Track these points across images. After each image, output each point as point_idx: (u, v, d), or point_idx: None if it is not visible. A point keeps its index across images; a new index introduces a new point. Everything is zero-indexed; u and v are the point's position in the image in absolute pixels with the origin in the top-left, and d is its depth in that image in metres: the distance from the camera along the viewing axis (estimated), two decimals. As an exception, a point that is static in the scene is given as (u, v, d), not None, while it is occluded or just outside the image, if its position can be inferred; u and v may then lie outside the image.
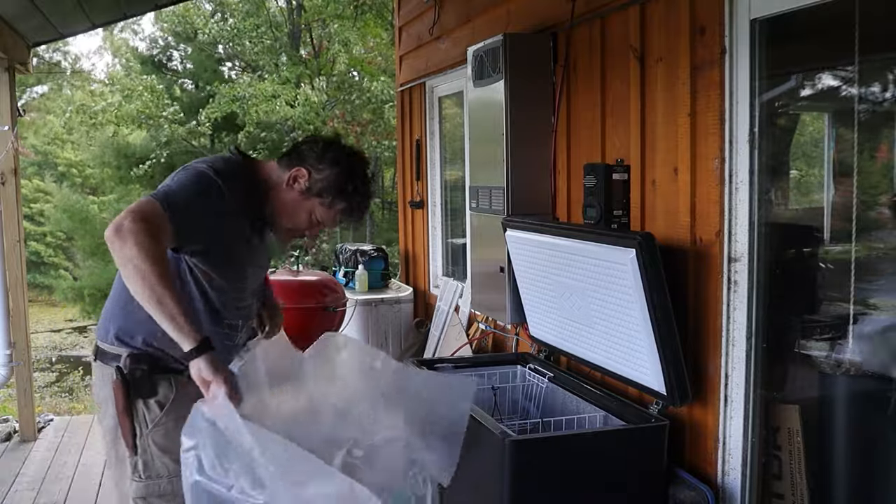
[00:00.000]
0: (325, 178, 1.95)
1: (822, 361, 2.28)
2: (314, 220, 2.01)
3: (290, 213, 1.99)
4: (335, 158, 1.96)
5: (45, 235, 15.62)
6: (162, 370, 1.93)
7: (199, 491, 1.68)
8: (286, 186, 1.96)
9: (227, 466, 1.66)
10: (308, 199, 1.96)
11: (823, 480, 2.27)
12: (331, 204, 1.97)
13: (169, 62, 15.43)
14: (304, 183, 1.95)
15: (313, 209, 1.98)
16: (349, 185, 1.97)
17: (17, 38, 4.53)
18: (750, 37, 2.06)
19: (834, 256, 2.52)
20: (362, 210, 2.04)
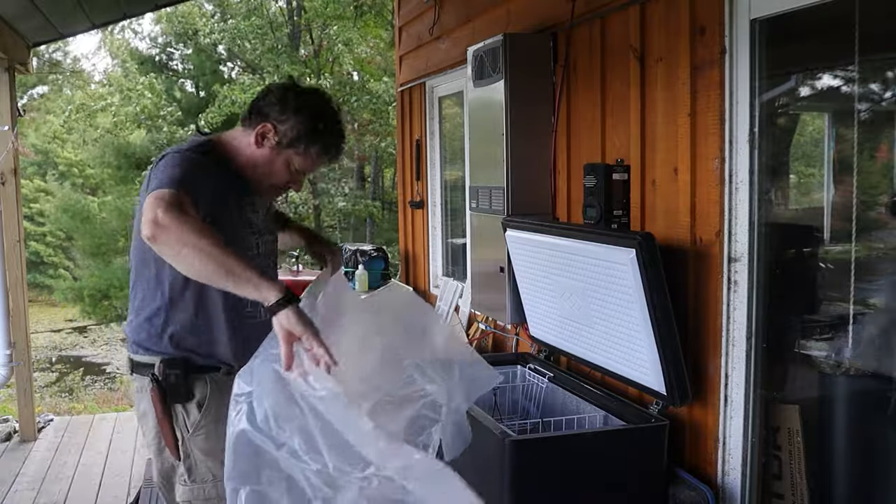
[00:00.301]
0: (292, 126, 1.91)
1: (822, 361, 2.29)
2: (294, 171, 1.98)
3: (268, 171, 1.96)
4: (297, 105, 1.92)
5: (45, 235, 15.63)
6: (197, 370, 1.93)
7: (243, 441, 1.53)
8: (256, 147, 1.93)
9: (283, 425, 1.52)
10: (281, 152, 1.93)
11: (823, 480, 2.27)
12: (305, 150, 1.94)
13: (170, 61, 15.44)
14: (272, 138, 1.92)
15: (290, 160, 1.95)
16: (318, 125, 1.92)
17: (17, 38, 4.53)
18: (750, 37, 2.05)
19: (834, 256, 2.52)
20: (339, 146, 2.00)
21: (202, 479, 1.93)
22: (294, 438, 1.51)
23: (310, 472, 1.50)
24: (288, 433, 1.51)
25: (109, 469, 4.20)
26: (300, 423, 1.52)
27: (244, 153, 1.95)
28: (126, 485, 3.97)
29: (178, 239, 1.58)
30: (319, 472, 1.50)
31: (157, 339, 1.93)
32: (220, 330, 1.94)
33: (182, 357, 1.92)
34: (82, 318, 14.58)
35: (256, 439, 1.52)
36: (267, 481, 1.52)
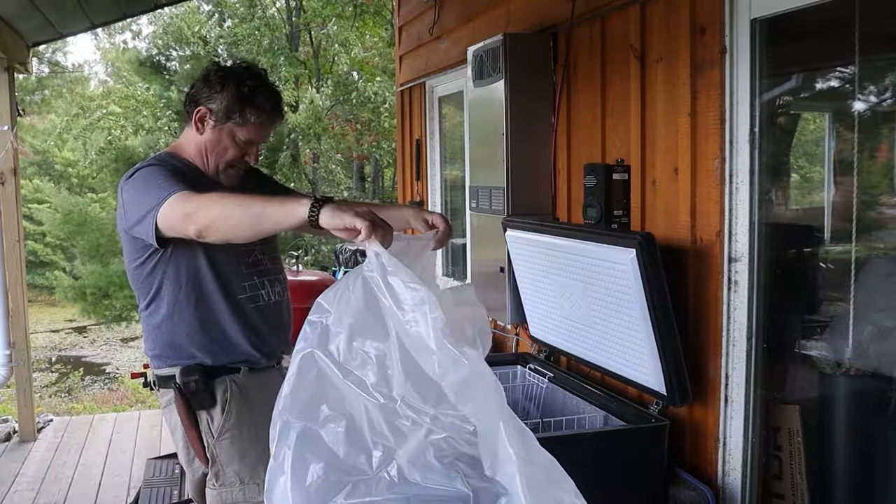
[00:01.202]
0: (220, 100, 1.93)
1: (823, 361, 2.29)
2: (242, 143, 1.98)
3: (216, 152, 1.97)
4: (219, 79, 1.94)
5: (45, 235, 15.62)
6: (216, 374, 1.95)
7: (308, 364, 1.39)
8: (199, 133, 1.97)
9: (357, 351, 1.40)
10: (222, 129, 1.95)
11: (824, 481, 2.27)
12: (243, 120, 1.94)
13: (168, 62, 15.43)
14: (210, 119, 1.95)
15: (232, 134, 1.96)
16: (245, 89, 1.93)
17: (16, 38, 4.53)
18: (750, 36, 2.05)
19: (834, 256, 2.52)
20: (274, 103, 1.99)
21: (230, 483, 1.95)
22: (366, 368, 1.39)
23: (374, 409, 1.37)
24: (360, 360, 1.39)
25: (109, 469, 4.20)
26: (377, 349, 1.40)
27: (191, 144, 1.99)
28: (126, 485, 3.97)
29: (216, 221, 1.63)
30: (384, 407, 1.36)
31: (171, 349, 1.96)
32: (227, 322, 1.96)
33: (198, 363, 1.94)
34: (82, 318, 14.57)
35: (323, 364, 1.39)
36: (324, 420, 1.37)
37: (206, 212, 1.65)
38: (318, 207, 1.49)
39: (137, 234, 1.83)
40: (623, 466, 2.21)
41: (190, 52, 14.65)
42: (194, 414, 1.95)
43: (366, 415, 1.38)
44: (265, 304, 2.03)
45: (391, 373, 1.38)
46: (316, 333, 1.42)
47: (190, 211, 1.67)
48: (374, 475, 1.35)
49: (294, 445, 1.34)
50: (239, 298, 1.98)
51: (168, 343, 1.96)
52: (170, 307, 1.95)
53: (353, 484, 1.33)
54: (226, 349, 1.97)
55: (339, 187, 14.43)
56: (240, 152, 2.00)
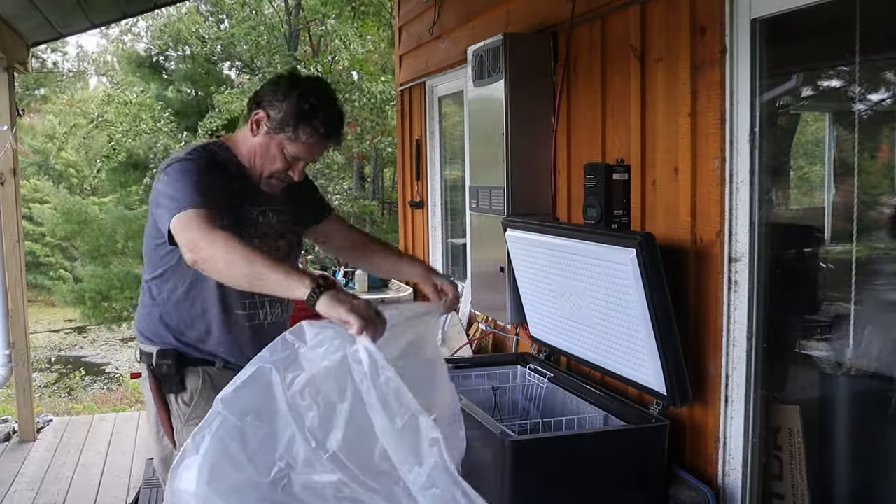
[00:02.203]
0: (282, 109, 1.90)
1: (823, 361, 2.28)
2: (288, 158, 1.96)
3: (264, 159, 1.96)
4: (287, 89, 1.91)
5: (45, 236, 15.62)
6: (191, 363, 1.97)
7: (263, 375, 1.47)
8: (252, 134, 1.95)
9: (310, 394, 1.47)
10: (274, 137, 1.93)
11: (824, 481, 2.27)
12: (296, 135, 1.91)
13: (166, 62, 15.41)
14: (265, 124, 1.92)
15: (282, 146, 1.94)
16: (305, 105, 1.90)
17: (16, 38, 4.53)
18: (750, 36, 2.05)
19: (834, 256, 2.52)
20: (331, 127, 1.96)
21: None
22: (311, 411, 1.46)
23: (300, 443, 1.45)
24: (308, 402, 1.47)
25: (109, 469, 4.20)
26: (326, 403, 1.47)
27: (244, 144, 1.98)
28: (125, 485, 3.97)
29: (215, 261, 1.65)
30: (310, 449, 1.45)
31: (157, 330, 1.99)
32: (217, 330, 1.98)
33: (174, 349, 1.96)
34: (83, 320, 14.58)
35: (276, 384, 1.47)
36: (250, 423, 1.46)
37: (209, 249, 1.65)
38: (318, 294, 1.53)
39: (157, 220, 1.84)
40: (623, 466, 2.21)
41: (189, 52, 14.65)
42: (164, 396, 1.97)
43: (287, 441, 1.46)
44: (260, 323, 2.03)
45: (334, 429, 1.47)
46: (284, 353, 1.50)
47: (195, 239, 1.68)
48: (267, 482, 1.45)
49: (215, 432, 1.43)
50: (236, 313, 1.99)
51: (156, 324, 1.99)
52: (169, 294, 1.97)
53: (248, 484, 1.44)
54: (208, 352, 1.99)
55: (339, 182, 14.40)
56: (286, 166, 1.97)
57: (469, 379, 2.87)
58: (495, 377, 2.89)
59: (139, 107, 13.47)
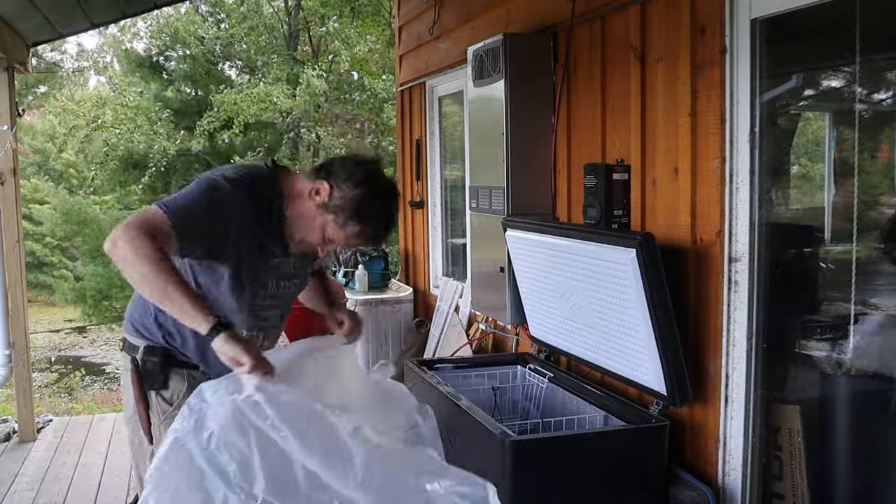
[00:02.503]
0: (344, 196, 1.86)
1: (823, 361, 2.28)
2: (326, 237, 1.93)
3: (303, 225, 1.93)
4: (361, 180, 1.87)
5: (45, 236, 15.61)
6: (176, 364, 1.97)
7: (177, 447, 1.58)
8: (307, 198, 1.90)
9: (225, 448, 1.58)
10: (323, 214, 1.89)
11: (824, 481, 2.27)
12: (343, 224, 1.88)
13: (166, 62, 15.41)
14: (323, 196, 1.87)
15: (326, 225, 1.90)
16: (366, 208, 1.87)
17: (16, 38, 4.53)
18: (750, 36, 2.05)
19: (834, 256, 2.52)
20: (377, 238, 1.97)
21: None
22: (230, 465, 1.57)
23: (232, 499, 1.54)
24: (226, 457, 1.57)
25: (109, 469, 4.19)
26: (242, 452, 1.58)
27: (297, 201, 1.93)
28: (125, 485, 3.96)
29: (126, 259, 1.67)
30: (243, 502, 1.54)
31: (150, 326, 1.98)
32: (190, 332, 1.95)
33: (163, 347, 1.96)
34: (84, 320, 14.58)
35: (194, 451, 1.57)
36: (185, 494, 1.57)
37: (128, 249, 1.66)
38: (217, 331, 1.64)
39: None
40: (623, 466, 2.21)
41: (189, 52, 14.65)
42: (145, 392, 1.97)
43: (222, 499, 1.55)
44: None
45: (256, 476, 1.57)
46: (192, 420, 1.60)
47: (133, 227, 1.68)
48: None
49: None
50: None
51: (150, 321, 1.97)
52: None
53: None
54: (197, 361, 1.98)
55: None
56: (319, 242, 1.95)
57: (469, 379, 2.87)
58: (495, 377, 2.89)
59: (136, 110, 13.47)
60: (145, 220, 1.71)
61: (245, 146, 13.34)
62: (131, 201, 14.28)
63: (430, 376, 2.74)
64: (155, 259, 1.66)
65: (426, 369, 2.85)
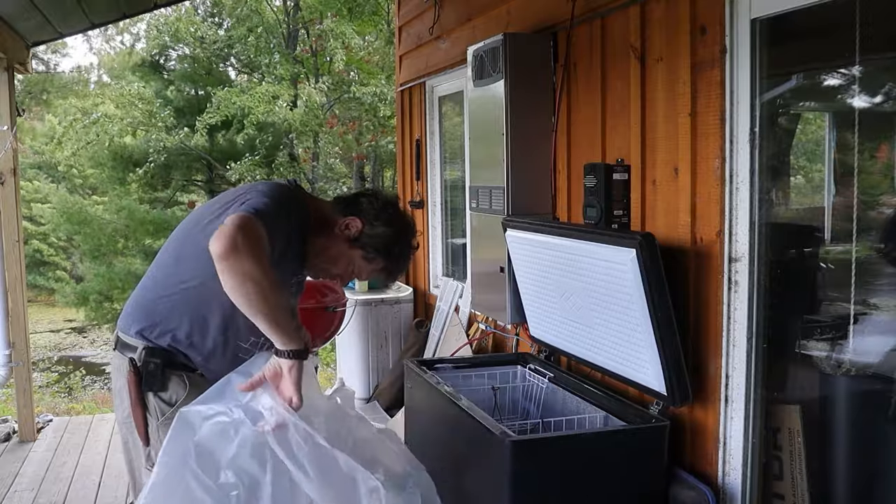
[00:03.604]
0: (376, 234, 1.98)
1: (823, 361, 2.28)
2: (350, 270, 2.03)
3: (331, 257, 2.01)
4: (391, 219, 2.00)
5: (46, 236, 15.61)
6: (176, 367, 1.95)
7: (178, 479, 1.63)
8: (337, 231, 1.98)
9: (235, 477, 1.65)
10: (352, 248, 1.99)
11: (824, 481, 2.27)
12: (372, 260, 2.00)
13: (167, 62, 15.41)
14: (354, 232, 1.98)
15: (353, 259, 2.01)
16: (396, 248, 2.01)
17: (16, 38, 4.53)
18: (750, 36, 2.05)
19: (835, 256, 2.52)
20: (398, 274, 2.11)
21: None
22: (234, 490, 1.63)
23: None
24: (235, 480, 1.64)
25: (109, 469, 4.19)
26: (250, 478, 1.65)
27: (324, 229, 1.99)
28: (125, 485, 3.96)
29: (247, 271, 1.64)
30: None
31: (155, 324, 1.94)
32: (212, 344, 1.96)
33: (164, 349, 1.93)
34: (86, 321, 14.58)
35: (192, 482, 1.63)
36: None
37: (248, 258, 1.63)
38: (295, 358, 1.72)
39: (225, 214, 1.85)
40: (623, 466, 2.21)
41: (189, 53, 14.66)
42: (143, 394, 1.94)
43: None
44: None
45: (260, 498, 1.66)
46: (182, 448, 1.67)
47: (244, 239, 1.64)
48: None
49: None
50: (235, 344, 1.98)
51: (158, 317, 1.94)
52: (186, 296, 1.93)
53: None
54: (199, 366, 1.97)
55: (339, 182, 14.40)
56: (342, 273, 2.05)
57: (469, 379, 2.87)
58: (495, 377, 2.89)
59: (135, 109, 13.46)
60: (250, 228, 1.69)
61: (247, 146, 13.35)
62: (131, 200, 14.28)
63: (430, 376, 2.74)
64: (271, 275, 1.67)
65: (426, 369, 2.85)
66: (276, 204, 1.83)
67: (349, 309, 4.30)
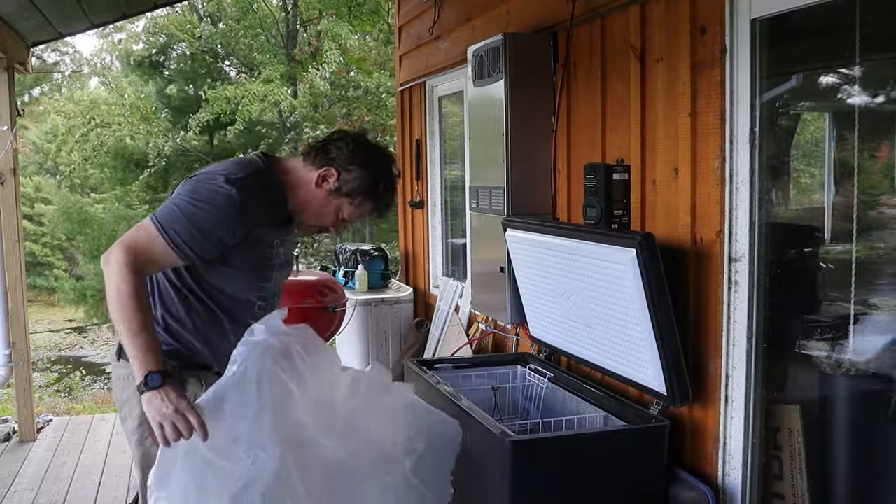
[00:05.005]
0: (355, 178, 1.96)
1: (823, 362, 2.28)
2: (340, 218, 2.03)
3: (317, 212, 2.01)
4: (365, 160, 1.98)
5: (45, 236, 15.62)
6: (190, 367, 1.95)
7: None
8: (315, 186, 1.97)
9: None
10: (337, 198, 1.98)
11: (824, 481, 2.27)
12: (360, 204, 2.00)
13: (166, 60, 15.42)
14: (333, 183, 1.96)
15: (341, 207, 2.00)
16: (379, 185, 1.99)
17: (16, 38, 4.53)
18: (750, 36, 2.05)
19: (834, 256, 2.52)
20: (388, 207, 2.08)
21: None
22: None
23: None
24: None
25: (109, 469, 4.20)
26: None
27: (302, 188, 1.99)
28: (125, 485, 3.97)
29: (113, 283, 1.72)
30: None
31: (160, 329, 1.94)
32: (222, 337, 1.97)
33: (178, 350, 1.94)
34: (86, 320, 14.58)
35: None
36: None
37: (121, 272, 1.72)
38: (144, 389, 1.68)
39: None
40: (623, 466, 2.21)
41: (187, 52, 14.67)
42: None
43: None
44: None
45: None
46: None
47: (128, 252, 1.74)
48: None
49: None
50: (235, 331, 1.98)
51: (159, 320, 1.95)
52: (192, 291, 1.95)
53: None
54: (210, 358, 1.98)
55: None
56: (333, 223, 2.05)
57: (469, 379, 2.87)
58: (495, 377, 2.89)
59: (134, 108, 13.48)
60: (136, 243, 1.76)
61: (247, 144, 13.35)
62: (131, 200, 14.29)
63: (430, 376, 2.74)
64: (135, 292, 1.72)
65: (426, 369, 2.85)
66: (206, 210, 1.82)
67: (349, 309, 4.30)
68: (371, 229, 14.44)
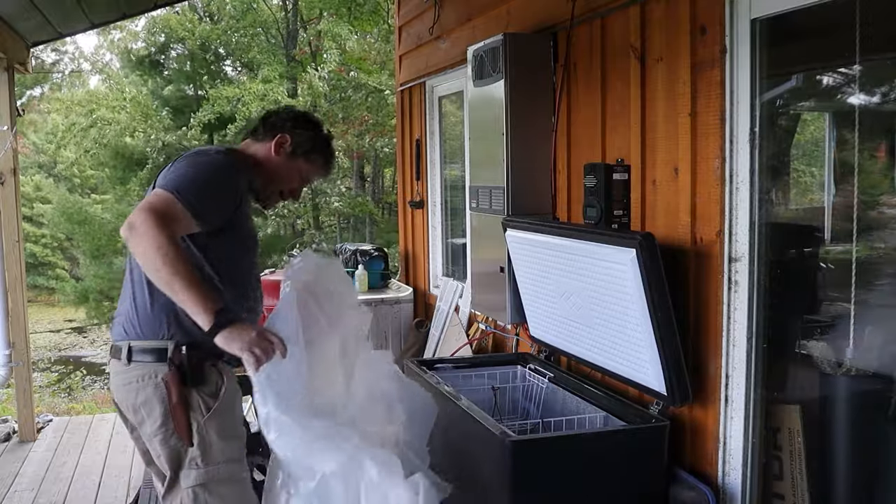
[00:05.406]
0: (308, 138, 2.19)
1: (823, 361, 2.28)
2: (301, 178, 2.24)
3: (283, 178, 2.19)
4: (306, 122, 2.22)
5: (45, 236, 15.62)
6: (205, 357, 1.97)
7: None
8: (274, 154, 2.16)
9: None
10: (294, 160, 2.18)
11: (824, 481, 2.27)
12: (314, 160, 2.22)
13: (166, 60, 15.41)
14: (288, 147, 2.16)
15: (300, 169, 2.20)
16: (322, 141, 2.23)
17: (16, 38, 4.53)
18: (750, 36, 2.05)
19: (834, 256, 2.52)
20: (333, 156, 2.32)
21: (215, 462, 1.98)
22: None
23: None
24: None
25: (109, 469, 4.20)
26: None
27: (265, 161, 2.17)
28: (126, 485, 3.97)
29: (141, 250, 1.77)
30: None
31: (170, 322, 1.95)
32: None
33: (198, 342, 1.93)
34: (87, 320, 14.58)
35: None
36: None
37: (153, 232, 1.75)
38: (218, 328, 1.77)
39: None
40: (623, 466, 2.21)
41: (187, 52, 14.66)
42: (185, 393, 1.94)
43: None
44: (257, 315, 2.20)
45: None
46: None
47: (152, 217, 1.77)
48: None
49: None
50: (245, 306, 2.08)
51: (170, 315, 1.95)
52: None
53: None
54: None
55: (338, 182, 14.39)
56: (300, 185, 2.25)
57: (469, 379, 2.87)
58: (495, 377, 2.89)
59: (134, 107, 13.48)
60: (155, 206, 1.81)
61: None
62: (132, 200, 14.29)
63: (430, 376, 2.74)
64: (168, 249, 1.76)
65: (426, 369, 2.85)
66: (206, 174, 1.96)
67: (349, 309, 4.29)
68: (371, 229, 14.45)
